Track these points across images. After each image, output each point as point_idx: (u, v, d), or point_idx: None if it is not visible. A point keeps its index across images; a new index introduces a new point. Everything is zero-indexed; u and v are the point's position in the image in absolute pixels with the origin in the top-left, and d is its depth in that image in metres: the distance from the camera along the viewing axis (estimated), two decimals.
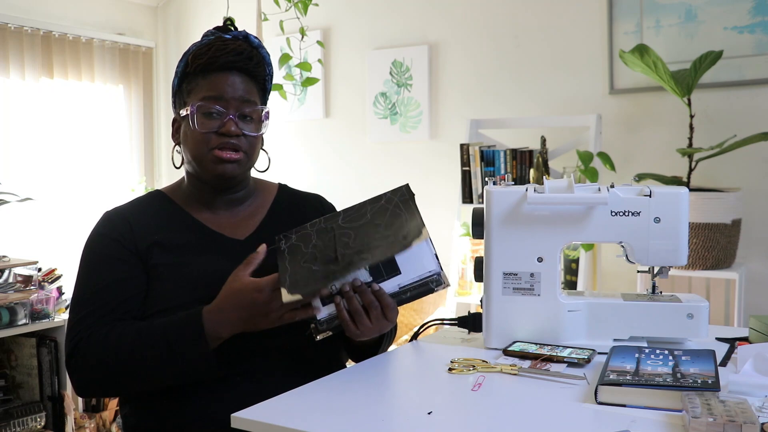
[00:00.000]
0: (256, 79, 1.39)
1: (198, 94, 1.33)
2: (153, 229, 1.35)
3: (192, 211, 1.40)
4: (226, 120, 1.31)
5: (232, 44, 1.34)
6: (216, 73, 1.33)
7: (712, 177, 2.92)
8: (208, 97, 1.32)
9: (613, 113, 3.19)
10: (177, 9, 4.52)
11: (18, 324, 2.83)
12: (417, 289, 1.23)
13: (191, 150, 1.35)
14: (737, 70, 2.94)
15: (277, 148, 4.09)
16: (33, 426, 2.90)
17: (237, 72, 1.35)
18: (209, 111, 1.32)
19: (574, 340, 1.35)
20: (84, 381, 1.27)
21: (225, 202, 1.41)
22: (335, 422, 0.99)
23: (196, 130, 1.32)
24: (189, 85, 1.36)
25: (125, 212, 1.38)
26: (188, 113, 1.33)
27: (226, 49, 1.33)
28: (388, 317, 1.23)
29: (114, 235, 1.33)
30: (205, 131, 1.32)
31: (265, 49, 1.40)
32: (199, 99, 1.32)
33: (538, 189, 1.35)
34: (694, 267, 2.68)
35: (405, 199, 1.28)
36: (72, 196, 3.98)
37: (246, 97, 1.34)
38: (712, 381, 1.04)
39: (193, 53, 1.34)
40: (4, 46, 3.67)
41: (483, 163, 3.11)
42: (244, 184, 1.43)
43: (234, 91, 1.33)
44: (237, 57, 1.34)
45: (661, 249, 1.33)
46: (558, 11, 3.33)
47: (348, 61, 3.93)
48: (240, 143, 1.33)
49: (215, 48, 1.33)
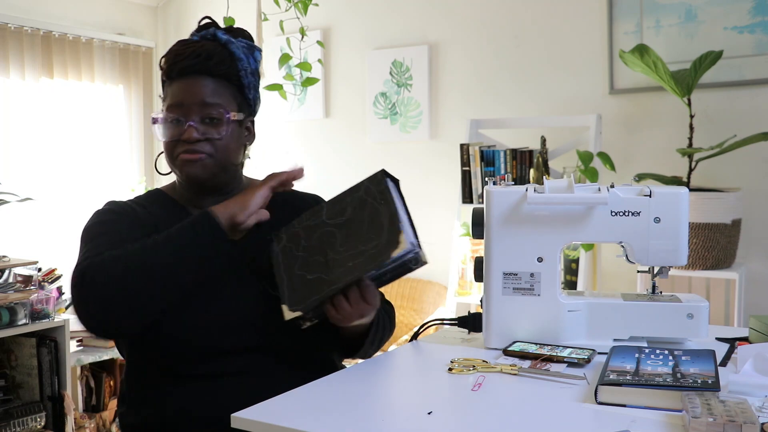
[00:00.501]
0: (227, 78, 1.36)
1: (166, 102, 1.36)
2: (153, 221, 1.36)
3: (190, 210, 1.41)
4: (185, 128, 1.32)
5: (192, 47, 1.34)
6: (177, 80, 1.34)
7: (712, 177, 2.92)
8: (171, 105, 1.33)
9: (613, 113, 3.19)
10: (177, 9, 4.52)
11: (18, 324, 2.83)
12: (396, 270, 1.22)
13: (167, 158, 1.38)
14: (737, 70, 2.94)
15: (277, 148, 4.09)
16: (33, 426, 2.90)
17: (198, 75, 1.33)
18: (171, 119, 1.34)
19: (574, 340, 1.35)
20: (97, 303, 1.19)
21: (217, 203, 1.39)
22: (335, 422, 0.99)
23: (163, 140, 1.35)
24: (164, 94, 1.38)
25: (126, 201, 1.42)
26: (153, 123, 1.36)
27: (183, 54, 1.33)
28: (367, 300, 1.22)
29: (119, 210, 1.36)
30: (169, 140, 1.34)
31: (238, 43, 1.38)
32: (165, 108, 1.35)
33: (538, 189, 1.35)
34: (694, 267, 2.68)
35: (381, 189, 1.25)
36: (72, 196, 3.98)
37: (207, 100, 1.32)
38: (712, 381, 1.04)
39: (160, 62, 1.38)
40: (4, 46, 3.67)
41: (483, 163, 3.11)
42: (232, 184, 1.41)
43: (192, 97, 1.32)
44: (195, 60, 1.33)
45: (661, 249, 1.33)
46: (558, 11, 3.33)
47: (348, 61, 3.93)
48: (203, 147, 1.33)
49: (174, 54, 1.34)
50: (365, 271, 1.19)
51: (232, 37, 1.39)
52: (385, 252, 1.18)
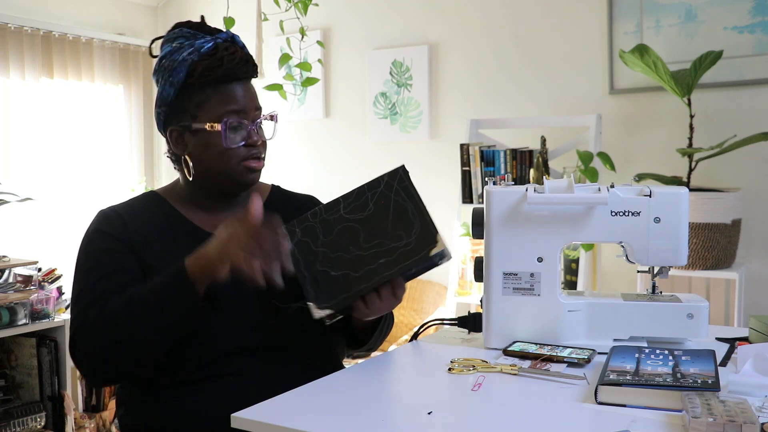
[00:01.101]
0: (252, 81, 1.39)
1: (216, 107, 1.30)
2: (147, 227, 1.35)
3: (186, 213, 1.39)
4: (249, 131, 1.33)
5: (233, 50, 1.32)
6: (228, 84, 1.32)
7: (712, 177, 2.92)
8: (231, 111, 1.31)
9: (613, 113, 3.19)
10: (177, 9, 4.52)
11: (18, 324, 2.83)
12: (421, 263, 1.23)
13: (217, 164, 1.32)
14: (737, 70, 2.94)
15: (277, 148, 4.09)
16: (33, 426, 2.90)
17: (245, 80, 1.35)
18: (236, 125, 1.32)
19: (574, 340, 1.35)
20: (90, 362, 1.25)
21: (222, 204, 1.41)
22: (335, 422, 0.99)
23: (227, 146, 1.31)
24: (196, 96, 1.31)
25: (120, 210, 1.38)
26: (211, 128, 1.30)
27: (234, 58, 1.31)
28: (397, 295, 1.25)
29: (109, 230, 1.34)
30: (235, 146, 1.32)
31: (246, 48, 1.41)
32: (222, 113, 1.30)
33: (538, 189, 1.35)
34: (694, 267, 2.68)
35: (405, 186, 1.27)
36: (72, 196, 3.98)
37: (257, 104, 1.36)
38: (712, 381, 1.04)
39: (203, 65, 1.29)
40: (4, 46, 3.67)
41: (483, 163, 3.11)
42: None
43: (250, 101, 1.34)
44: (246, 65, 1.34)
45: (661, 249, 1.33)
46: (558, 11, 3.33)
47: (348, 61, 3.93)
48: (262, 149, 1.36)
49: (226, 59, 1.30)
50: (403, 269, 1.21)
51: None
52: (421, 250, 1.21)
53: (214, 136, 1.31)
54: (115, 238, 1.33)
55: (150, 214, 1.38)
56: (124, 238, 1.33)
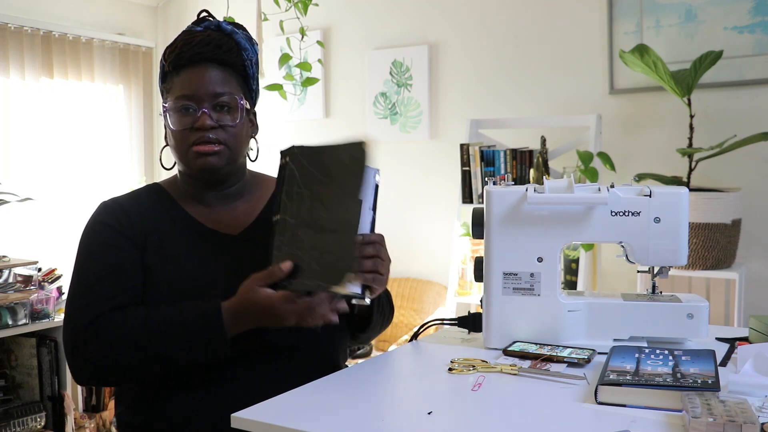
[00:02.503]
0: (234, 67, 1.36)
1: (174, 92, 1.33)
2: (149, 221, 1.34)
3: (187, 207, 1.38)
4: (199, 114, 1.30)
5: (200, 36, 1.33)
6: (187, 69, 1.32)
7: (712, 177, 2.92)
8: (181, 95, 1.31)
9: (613, 113, 3.19)
10: (177, 9, 4.52)
11: (18, 324, 2.83)
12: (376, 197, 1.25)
13: (174, 148, 1.35)
14: (737, 70, 2.94)
15: (277, 149, 4.08)
16: (33, 426, 2.90)
17: (208, 63, 1.32)
18: (183, 107, 1.31)
19: (574, 340, 1.35)
20: (90, 368, 1.24)
21: (219, 197, 1.39)
22: (335, 422, 0.99)
23: (174, 128, 1.32)
24: (167, 84, 1.36)
25: (122, 201, 1.37)
26: (164, 112, 1.34)
27: (192, 42, 1.32)
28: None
29: (111, 222, 1.33)
30: (182, 128, 1.31)
31: (241, 34, 1.38)
32: (174, 97, 1.32)
33: (538, 189, 1.35)
34: (694, 267, 2.68)
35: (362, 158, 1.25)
36: (72, 196, 3.98)
37: (219, 88, 1.32)
38: (712, 381, 1.04)
39: (164, 52, 1.35)
40: (4, 46, 3.67)
41: (483, 163, 3.11)
42: (237, 177, 1.40)
43: (205, 84, 1.31)
44: (205, 48, 1.32)
45: (661, 249, 1.33)
46: (558, 11, 3.33)
47: (348, 61, 3.93)
48: (218, 135, 1.31)
49: (182, 43, 1.33)
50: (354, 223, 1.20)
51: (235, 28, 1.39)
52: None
53: (168, 120, 1.33)
54: (117, 231, 1.32)
55: (152, 208, 1.37)
56: (127, 232, 1.32)
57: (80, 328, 1.24)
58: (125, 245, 1.31)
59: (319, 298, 1.18)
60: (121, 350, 1.21)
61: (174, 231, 1.35)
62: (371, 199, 1.24)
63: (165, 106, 1.34)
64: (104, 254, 1.30)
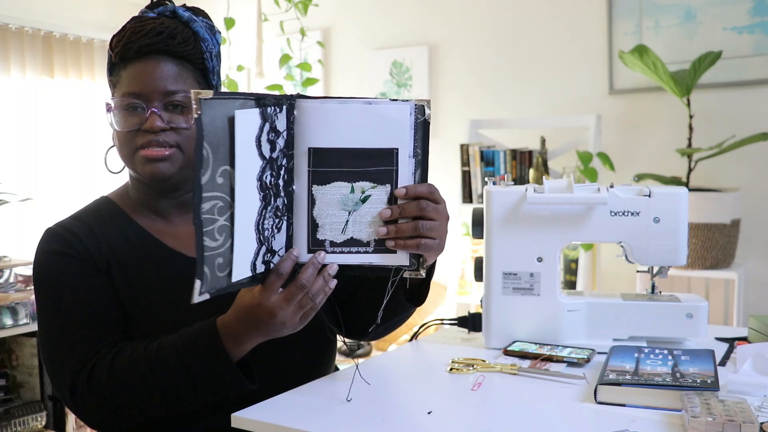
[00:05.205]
0: (190, 60, 1.18)
1: (120, 88, 1.16)
2: (103, 244, 1.18)
3: (143, 222, 1.22)
4: (148, 115, 1.13)
5: (151, 24, 1.16)
6: (135, 62, 1.14)
7: (712, 177, 2.92)
8: (128, 92, 1.14)
9: (612, 113, 3.19)
10: None
11: (19, 324, 2.83)
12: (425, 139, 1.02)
13: (119, 152, 1.18)
14: (737, 70, 2.94)
15: None
16: (34, 425, 2.90)
17: (160, 56, 1.15)
18: (129, 106, 1.14)
19: (574, 339, 1.35)
20: (97, 419, 1.11)
21: (176, 206, 1.23)
22: (335, 422, 1.00)
23: (118, 129, 1.15)
24: (114, 77, 1.18)
25: (69, 226, 1.20)
26: (108, 112, 1.16)
27: (142, 31, 1.15)
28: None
29: (65, 249, 1.16)
30: (127, 129, 1.14)
31: (201, 22, 1.20)
32: (120, 94, 1.15)
33: (537, 189, 1.36)
34: (693, 267, 2.68)
35: None
36: (72, 196, 3.98)
37: (172, 85, 1.14)
38: (711, 381, 1.04)
39: (111, 40, 1.18)
40: (5, 46, 3.67)
41: (483, 163, 3.12)
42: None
43: (155, 81, 1.13)
44: (156, 38, 1.14)
45: (661, 249, 1.33)
46: (558, 11, 3.33)
47: (348, 62, 3.93)
48: (169, 138, 1.14)
49: (130, 32, 1.15)
50: None
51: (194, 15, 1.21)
52: None
53: (113, 119, 1.16)
54: (74, 257, 1.15)
55: (104, 224, 1.20)
56: (86, 257, 1.15)
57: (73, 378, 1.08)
58: (88, 270, 1.15)
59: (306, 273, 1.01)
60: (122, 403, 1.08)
61: (134, 254, 1.19)
62: (410, 145, 1.01)
63: (108, 104, 1.16)
64: (68, 287, 1.13)
